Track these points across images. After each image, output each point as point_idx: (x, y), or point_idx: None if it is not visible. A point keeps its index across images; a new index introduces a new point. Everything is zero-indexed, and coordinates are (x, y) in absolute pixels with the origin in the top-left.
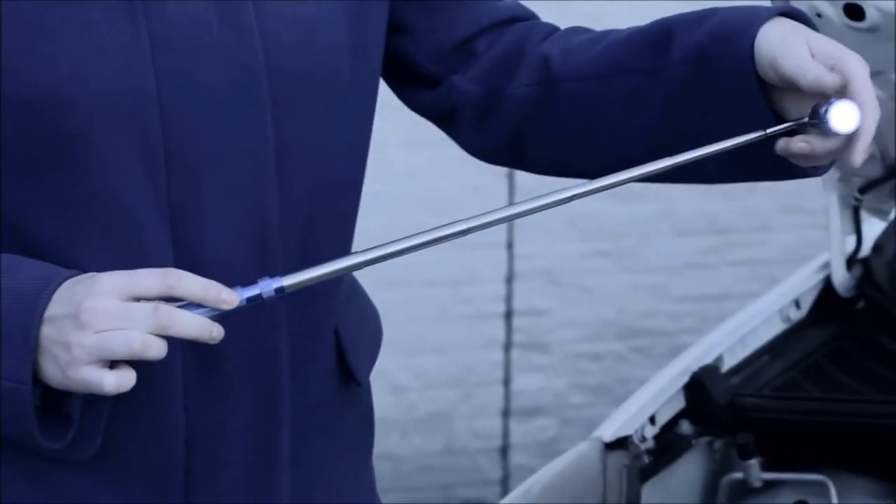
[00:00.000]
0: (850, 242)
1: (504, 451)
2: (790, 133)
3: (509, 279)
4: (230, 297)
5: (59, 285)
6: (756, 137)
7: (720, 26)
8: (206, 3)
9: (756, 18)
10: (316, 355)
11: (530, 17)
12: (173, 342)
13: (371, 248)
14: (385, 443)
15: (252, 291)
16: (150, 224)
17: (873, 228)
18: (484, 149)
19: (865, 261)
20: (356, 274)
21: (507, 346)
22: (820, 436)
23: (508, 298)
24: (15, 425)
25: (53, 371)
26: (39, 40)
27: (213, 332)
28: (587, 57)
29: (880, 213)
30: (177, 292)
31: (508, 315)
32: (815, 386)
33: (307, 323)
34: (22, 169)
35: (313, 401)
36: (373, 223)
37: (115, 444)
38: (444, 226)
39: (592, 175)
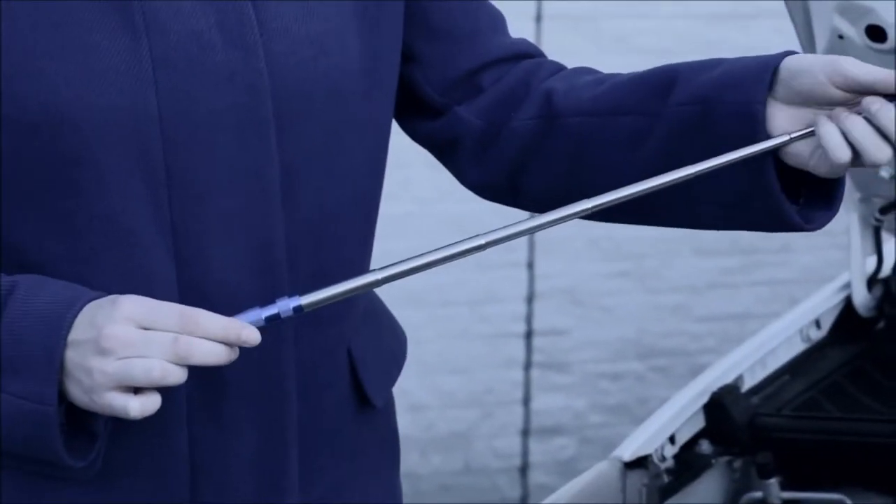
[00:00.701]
0: (871, 263)
1: (523, 470)
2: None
3: (530, 299)
4: (251, 337)
5: (82, 307)
6: (781, 143)
7: (725, 75)
8: (209, 22)
9: (771, 59)
10: (326, 379)
11: (538, 54)
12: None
13: (389, 266)
14: (404, 462)
15: (270, 311)
16: (152, 245)
17: (894, 249)
18: (482, 182)
19: (886, 281)
20: (379, 293)
21: (528, 366)
22: (839, 455)
23: (529, 318)
24: (39, 445)
25: (78, 394)
26: (41, 62)
27: (232, 357)
28: (590, 95)
29: None
30: (196, 334)
31: (529, 335)
32: (834, 406)
33: (316, 347)
34: (24, 190)
35: (327, 425)
36: (398, 244)
37: (119, 471)
38: (459, 241)
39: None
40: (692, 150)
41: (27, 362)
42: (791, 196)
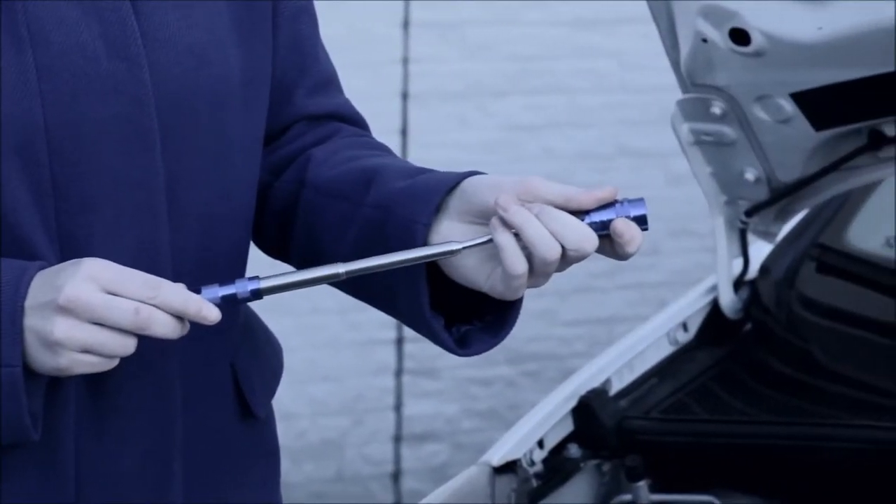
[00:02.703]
0: (738, 265)
1: (396, 476)
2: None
3: None
4: (210, 314)
5: (35, 273)
6: (450, 252)
7: (407, 188)
8: (93, 33)
9: (451, 178)
10: (212, 390)
11: (353, 120)
12: (67, 381)
13: (352, 262)
14: None
15: (228, 290)
16: (42, 253)
17: (760, 251)
18: (258, 235)
19: (752, 283)
20: (252, 306)
21: (398, 372)
22: (708, 457)
23: (399, 325)
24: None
25: (38, 355)
26: None
27: (184, 332)
28: (332, 172)
29: (767, 235)
30: (156, 302)
31: (399, 341)
32: (702, 408)
33: (201, 358)
34: None
35: (211, 435)
36: None
37: (7, 475)
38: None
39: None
40: (379, 249)
41: None
42: (468, 315)
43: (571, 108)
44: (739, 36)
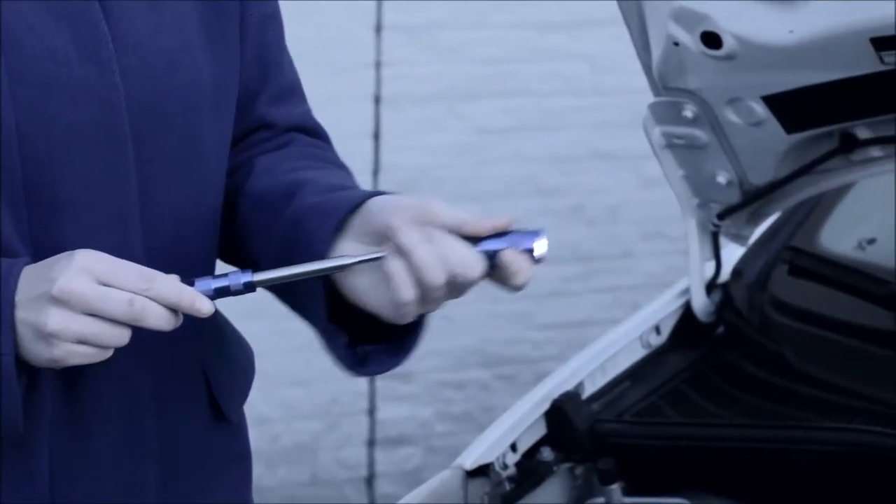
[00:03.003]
0: (710, 268)
1: (370, 480)
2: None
3: None
4: (204, 307)
5: (23, 267)
6: (340, 267)
7: (319, 204)
8: (63, 38)
9: (356, 197)
10: (185, 394)
11: (311, 128)
12: (43, 386)
13: (343, 256)
14: None
15: (221, 283)
16: (17, 256)
17: (733, 254)
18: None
19: (725, 286)
20: (223, 311)
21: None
22: (680, 460)
23: None
24: None
25: (32, 349)
26: None
27: (177, 324)
28: (267, 182)
29: (739, 238)
30: (150, 294)
31: None
32: (675, 411)
33: (174, 363)
34: None
35: (183, 439)
36: None
37: None
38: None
39: None
40: (295, 263)
41: None
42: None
43: (542, 111)
44: (711, 39)
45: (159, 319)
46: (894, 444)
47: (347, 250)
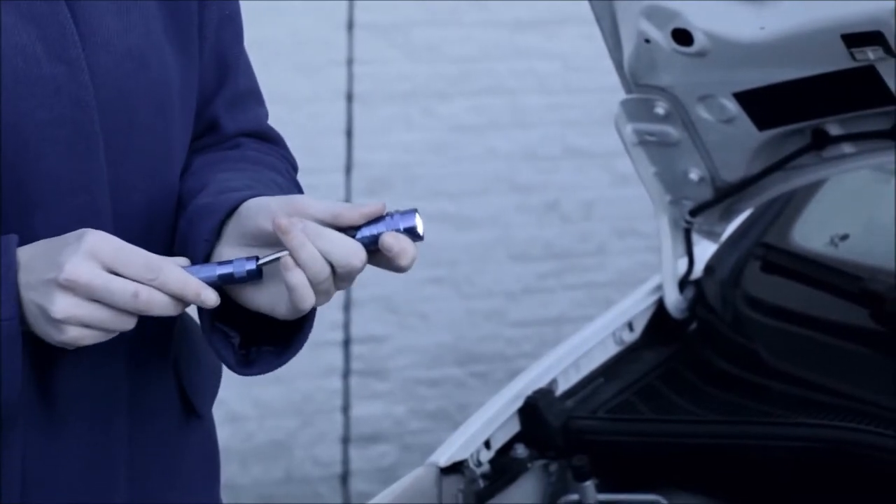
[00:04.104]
0: (683, 265)
1: (344, 478)
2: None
3: (347, 307)
4: (209, 298)
5: (15, 238)
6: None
7: (206, 204)
8: (31, 37)
9: (233, 199)
10: (156, 389)
11: (262, 133)
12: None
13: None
14: (224, 473)
15: (225, 269)
16: None
17: (705, 251)
18: None
19: (697, 283)
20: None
21: (346, 374)
22: (654, 456)
23: (346, 326)
24: None
25: (43, 329)
26: None
27: (180, 311)
28: (189, 183)
29: (711, 235)
30: (156, 284)
31: (347, 343)
32: (648, 407)
33: (146, 358)
34: None
35: (155, 434)
36: None
37: None
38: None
39: None
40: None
41: None
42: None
43: (514, 109)
44: (682, 36)
45: (164, 309)
46: (867, 439)
47: (224, 254)
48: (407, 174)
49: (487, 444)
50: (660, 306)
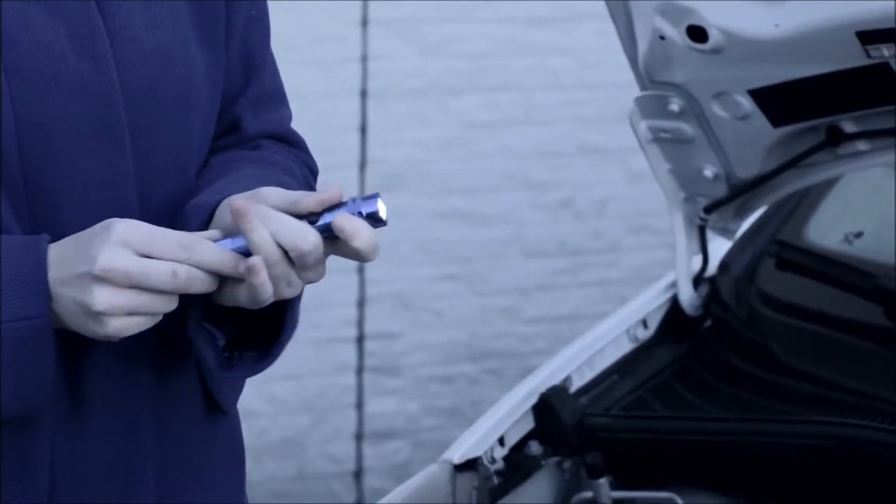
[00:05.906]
0: (697, 262)
1: (358, 474)
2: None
3: (361, 303)
4: (250, 268)
5: (47, 236)
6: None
7: (197, 203)
8: (59, 33)
9: (216, 197)
10: (182, 385)
11: (282, 135)
12: None
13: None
14: None
15: (239, 243)
16: None
17: (720, 248)
18: None
19: (712, 280)
20: None
21: (360, 370)
22: (668, 454)
23: (360, 322)
24: (30, 369)
25: (85, 325)
26: None
27: (214, 287)
28: (204, 177)
29: (726, 232)
30: (191, 262)
31: (360, 339)
32: (662, 404)
33: (169, 354)
34: None
35: (180, 431)
36: None
37: None
38: None
39: None
40: None
41: (12, 283)
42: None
43: (528, 105)
44: (697, 33)
45: (203, 285)
46: (881, 437)
47: None
48: (421, 171)
49: (501, 441)
50: (674, 303)
